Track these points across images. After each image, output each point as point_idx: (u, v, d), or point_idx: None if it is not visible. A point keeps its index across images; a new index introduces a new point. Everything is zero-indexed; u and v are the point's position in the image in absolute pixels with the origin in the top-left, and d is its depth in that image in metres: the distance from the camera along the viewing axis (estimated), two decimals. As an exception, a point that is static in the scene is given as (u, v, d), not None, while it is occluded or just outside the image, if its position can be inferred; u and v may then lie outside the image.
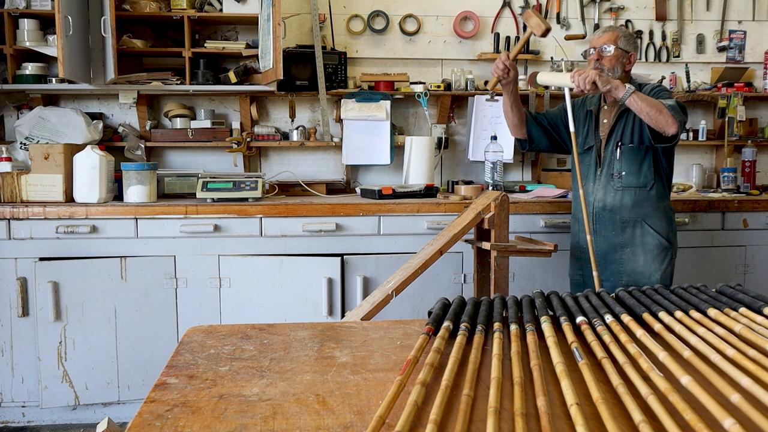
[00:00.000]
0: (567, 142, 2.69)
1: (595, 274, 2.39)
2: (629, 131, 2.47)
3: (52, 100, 3.40)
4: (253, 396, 0.82)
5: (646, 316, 1.06)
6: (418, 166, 3.33)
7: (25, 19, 3.14)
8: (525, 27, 3.65)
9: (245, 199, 2.93)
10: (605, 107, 2.57)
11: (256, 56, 3.33)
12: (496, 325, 1.02)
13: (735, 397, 0.71)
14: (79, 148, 2.97)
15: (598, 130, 2.58)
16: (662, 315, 1.05)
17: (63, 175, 2.89)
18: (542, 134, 2.73)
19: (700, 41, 3.74)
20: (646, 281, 2.46)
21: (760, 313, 1.06)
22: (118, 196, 3.05)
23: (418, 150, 3.33)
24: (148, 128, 3.39)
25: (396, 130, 3.57)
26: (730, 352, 0.86)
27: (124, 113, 3.48)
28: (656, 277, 2.47)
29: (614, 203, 2.51)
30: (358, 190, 3.36)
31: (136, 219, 2.82)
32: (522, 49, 2.58)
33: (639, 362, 0.85)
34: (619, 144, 2.49)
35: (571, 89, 2.43)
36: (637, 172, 2.47)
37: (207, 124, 3.38)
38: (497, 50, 3.57)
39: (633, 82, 2.54)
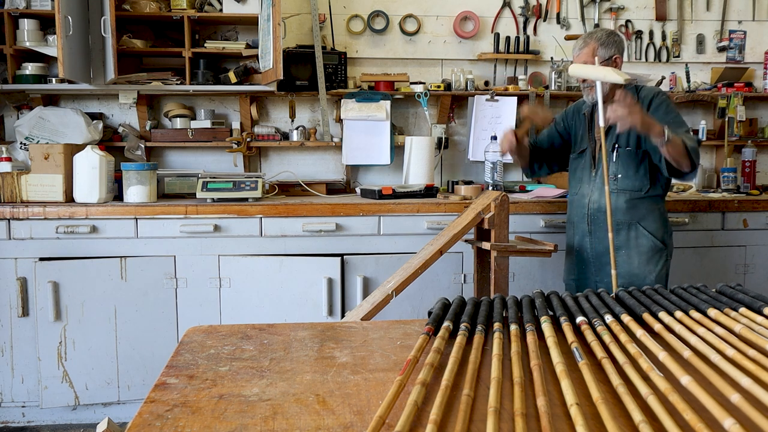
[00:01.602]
0: (565, 151, 2.72)
1: (613, 273, 2.33)
2: (625, 134, 2.45)
3: (52, 100, 3.40)
4: (253, 396, 0.82)
5: (646, 316, 1.06)
6: (418, 166, 3.33)
7: (25, 19, 3.14)
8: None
9: (245, 199, 2.93)
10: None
11: (256, 56, 3.33)
12: (496, 325, 1.02)
13: (735, 397, 0.71)
14: (79, 148, 2.97)
15: (593, 132, 2.57)
16: (662, 315, 1.05)
17: (63, 175, 2.89)
18: (544, 164, 2.77)
19: (700, 41, 3.74)
20: (641, 283, 2.44)
21: (760, 313, 1.06)
22: (118, 196, 3.05)
23: (418, 150, 3.33)
24: (148, 128, 3.39)
25: (396, 130, 3.57)
26: (730, 352, 0.86)
27: (124, 113, 3.48)
28: (651, 278, 2.46)
29: None
30: (358, 190, 3.36)
31: (136, 219, 2.82)
32: (526, 132, 2.59)
33: (639, 362, 0.85)
34: (616, 147, 2.47)
35: (604, 84, 2.32)
36: (633, 176, 2.46)
37: (207, 124, 3.38)
38: (497, 50, 3.57)
39: (630, 88, 2.50)
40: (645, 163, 2.45)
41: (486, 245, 2.43)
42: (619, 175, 2.48)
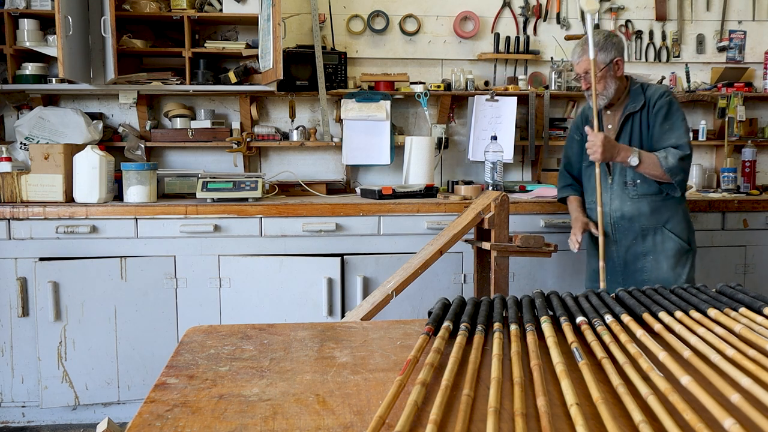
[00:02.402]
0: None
1: (601, 264, 2.36)
2: (638, 137, 2.41)
3: (52, 100, 3.40)
4: (253, 396, 0.82)
5: (646, 316, 1.06)
6: (418, 166, 3.33)
7: (25, 19, 3.14)
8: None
9: (245, 199, 2.93)
10: (608, 112, 2.51)
11: (256, 56, 3.33)
12: (496, 325, 1.02)
13: (735, 397, 0.71)
14: (79, 148, 2.97)
15: None
16: (662, 315, 1.05)
17: (63, 175, 2.89)
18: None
19: (700, 41, 3.74)
20: None
21: (760, 313, 1.06)
22: (118, 196, 3.05)
23: (418, 150, 3.33)
24: (148, 128, 3.39)
25: (396, 130, 3.57)
26: (730, 352, 0.86)
27: (124, 113, 3.48)
28: (681, 281, 2.42)
29: (632, 212, 2.46)
30: (358, 190, 3.36)
31: (136, 219, 2.82)
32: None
33: (639, 362, 0.85)
34: None
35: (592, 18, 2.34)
36: (651, 180, 2.40)
37: (207, 124, 3.38)
38: (497, 50, 3.57)
39: (634, 83, 2.48)
40: None
41: (486, 245, 2.43)
42: (638, 181, 2.43)
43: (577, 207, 2.66)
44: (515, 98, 3.47)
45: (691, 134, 2.42)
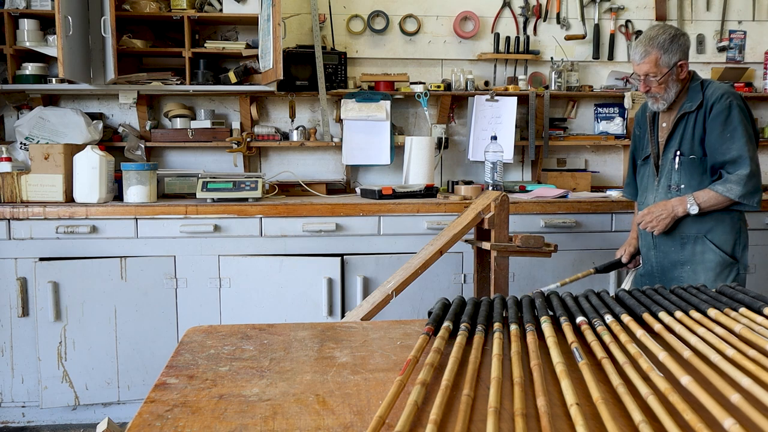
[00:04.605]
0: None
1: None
2: (689, 140, 2.24)
3: (52, 100, 3.40)
4: (253, 396, 0.82)
5: (646, 317, 1.06)
6: (418, 166, 3.33)
7: (25, 19, 3.14)
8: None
9: (245, 199, 2.93)
10: (664, 110, 2.34)
11: (256, 56, 3.33)
12: (496, 325, 1.02)
13: (735, 397, 0.71)
14: (79, 148, 2.97)
15: (656, 136, 2.37)
16: (662, 315, 1.05)
17: (63, 175, 2.89)
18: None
19: (700, 41, 3.73)
20: None
21: (760, 313, 1.06)
22: (118, 196, 3.05)
23: (418, 150, 3.33)
24: (148, 128, 3.39)
25: (396, 130, 3.57)
26: (730, 352, 0.86)
27: (124, 113, 3.48)
28: None
29: None
30: (358, 190, 3.36)
31: (136, 219, 2.82)
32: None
33: (639, 362, 0.85)
34: (678, 154, 2.27)
35: None
36: (697, 186, 2.24)
37: (207, 124, 3.38)
38: (497, 50, 3.57)
39: (694, 79, 2.29)
40: (710, 171, 2.24)
41: (486, 245, 2.43)
42: (682, 185, 2.27)
43: (634, 221, 2.55)
44: (515, 98, 3.47)
45: (754, 144, 2.22)
